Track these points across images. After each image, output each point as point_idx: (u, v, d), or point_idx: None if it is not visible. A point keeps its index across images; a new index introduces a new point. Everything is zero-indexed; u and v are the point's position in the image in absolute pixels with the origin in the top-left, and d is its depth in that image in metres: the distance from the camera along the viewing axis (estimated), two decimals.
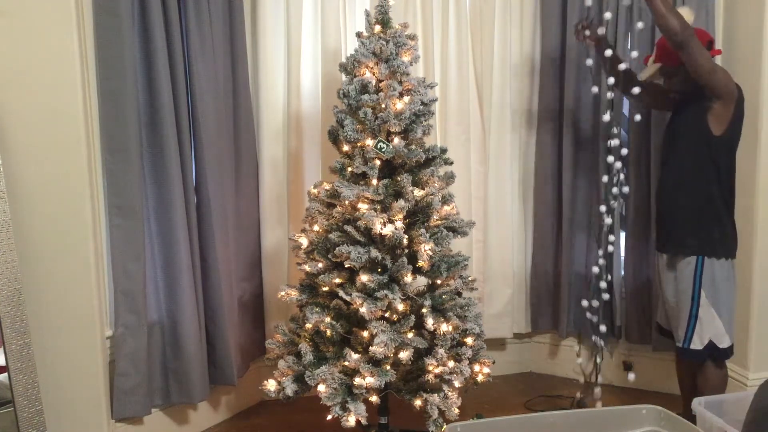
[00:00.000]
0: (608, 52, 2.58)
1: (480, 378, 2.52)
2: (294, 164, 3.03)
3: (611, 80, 2.59)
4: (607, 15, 2.65)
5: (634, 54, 2.65)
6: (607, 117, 2.69)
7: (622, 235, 3.15)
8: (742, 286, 2.83)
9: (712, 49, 2.46)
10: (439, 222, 2.43)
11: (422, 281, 2.45)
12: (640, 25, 2.62)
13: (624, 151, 2.77)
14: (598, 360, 2.80)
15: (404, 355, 2.24)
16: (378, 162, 2.35)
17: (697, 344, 2.42)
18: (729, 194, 2.45)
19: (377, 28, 2.43)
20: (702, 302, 2.40)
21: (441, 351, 2.29)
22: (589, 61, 2.77)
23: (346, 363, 2.27)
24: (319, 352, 2.39)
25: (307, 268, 2.43)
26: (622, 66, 2.56)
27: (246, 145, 2.87)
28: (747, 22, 2.78)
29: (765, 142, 2.72)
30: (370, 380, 2.23)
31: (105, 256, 2.43)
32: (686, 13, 2.44)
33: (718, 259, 2.40)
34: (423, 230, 2.32)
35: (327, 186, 2.45)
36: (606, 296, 2.74)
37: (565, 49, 3.13)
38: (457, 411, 2.31)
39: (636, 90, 2.55)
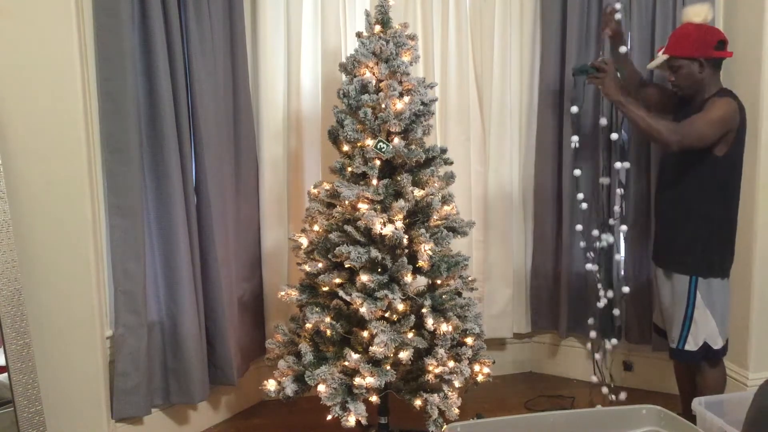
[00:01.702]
0: (623, 49, 2.62)
1: (480, 378, 2.52)
2: (294, 164, 3.03)
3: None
4: (618, 10, 2.64)
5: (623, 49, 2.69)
6: (604, 121, 2.78)
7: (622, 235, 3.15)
8: (742, 286, 2.83)
9: (723, 49, 2.39)
10: (439, 222, 2.43)
11: (422, 281, 2.45)
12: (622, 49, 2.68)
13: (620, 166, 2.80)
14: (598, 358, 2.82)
15: (404, 355, 2.24)
16: (378, 162, 2.35)
17: (691, 346, 2.42)
18: (735, 212, 2.43)
19: (377, 28, 2.43)
20: (697, 303, 2.39)
21: (441, 351, 2.29)
22: (574, 109, 2.84)
23: (346, 363, 2.27)
24: (319, 352, 2.39)
25: (307, 268, 2.43)
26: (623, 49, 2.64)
27: (246, 145, 2.87)
28: (747, 22, 2.78)
29: (765, 143, 2.72)
30: (370, 380, 2.23)
31: (105, 256, 2.43)
32: (705, 10, 2.38)
33: (714, 278, 2.40)
34: (423, 230, 2.32)
35: (327, 186, 2.45)
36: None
37: (565, 49, 3.13)
38: (457, 411, 2.31)
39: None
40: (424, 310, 2.34)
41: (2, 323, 2.02)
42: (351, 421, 2.24)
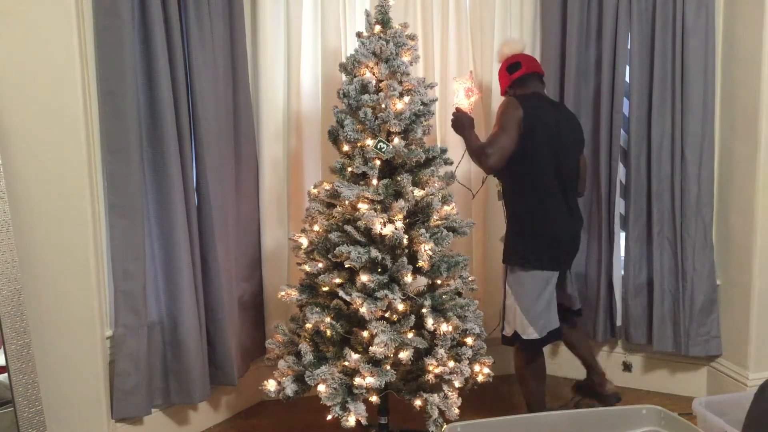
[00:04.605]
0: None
1: (480, 378, 2.52)
2: (294, 164, 3.03)
3: None
4: None
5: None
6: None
7: (622, 235, 3.15)
8: (742, 286, 2.83)
9: (517, 70, 2.64)
10: (439, 222, 2.43)
11: (422, 281, 2.45)
12: None
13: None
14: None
15: (404, 355, 2.24)
16: (378, 162, 2.35)
17: (507, 331, 2.66)
18: (539, 206, 2.55)
19: (377, 28, 2.43)
20: (507, 293, 2.62)
21: (441, 351, 2.29)
22: None
23: (346, 363, 2.27)
24: (319, 352, 2.39)
25: (307, 268, 2.43)
26: None
27: (246, 145, 2.87)
28: (747, 22, 2.77)
29: (765, 142, 2.71)
30: (370, 380, 2.23)
31: (105, 256, 2.43)
32: (502, 51, 2.70)
33: (520, 270, 2.56)
34: (423, 230, 2.32)
35: (327, 186, 2.44)
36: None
37: (565, 49, 3.13)
38: (457, 411, 2.31)
39: None
40: (424, 310, 2.34)
41: (2, 323, 2.02)
42: (351, 421, 2.24)
